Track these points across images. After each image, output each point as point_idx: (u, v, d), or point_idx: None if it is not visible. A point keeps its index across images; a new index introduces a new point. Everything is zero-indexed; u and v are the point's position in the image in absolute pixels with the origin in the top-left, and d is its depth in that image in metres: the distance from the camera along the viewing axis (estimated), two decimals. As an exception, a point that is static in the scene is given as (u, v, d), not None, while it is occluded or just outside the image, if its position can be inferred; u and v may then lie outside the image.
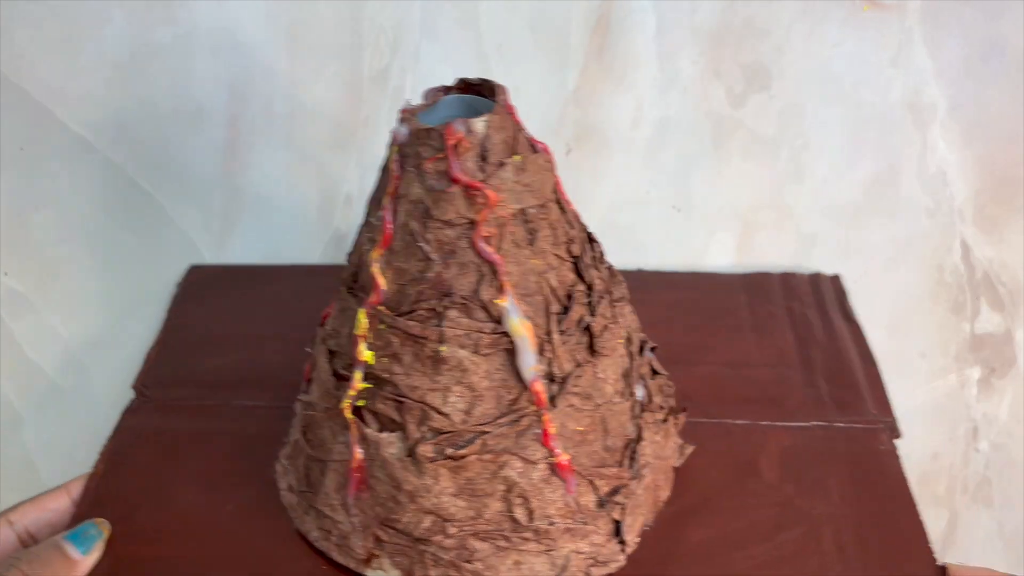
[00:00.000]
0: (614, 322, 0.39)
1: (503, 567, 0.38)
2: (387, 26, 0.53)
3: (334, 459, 0.39)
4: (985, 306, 0.54)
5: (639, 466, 0.40)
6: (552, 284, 0.37)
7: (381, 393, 0.37)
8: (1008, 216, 0.54)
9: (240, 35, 0.53)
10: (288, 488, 0.42)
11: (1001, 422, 0.54)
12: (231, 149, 0.55)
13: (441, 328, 0.36)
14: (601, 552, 0.39)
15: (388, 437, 0.37)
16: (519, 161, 0.35)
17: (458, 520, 0.37)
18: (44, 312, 0.54)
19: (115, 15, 0.53)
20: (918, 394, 0.54)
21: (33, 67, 0.53)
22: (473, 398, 0.36)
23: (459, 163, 0.34)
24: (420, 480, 0.37)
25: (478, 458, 0.36)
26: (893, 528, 0.41)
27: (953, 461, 0.54)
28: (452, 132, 0.34)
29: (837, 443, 0.45)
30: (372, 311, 0.36)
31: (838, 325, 0.52)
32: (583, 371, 0.38)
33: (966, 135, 0.54)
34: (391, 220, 0.36)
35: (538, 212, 0.37)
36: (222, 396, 0.48)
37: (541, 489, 0.37)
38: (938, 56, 0.53)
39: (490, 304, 0.36)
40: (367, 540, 0.39)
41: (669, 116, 0.56)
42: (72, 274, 0.54)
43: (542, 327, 0.37)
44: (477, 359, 0.36)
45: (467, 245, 0.35)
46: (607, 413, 0.39)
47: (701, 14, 0.53)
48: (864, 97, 0.53)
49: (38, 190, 0.54)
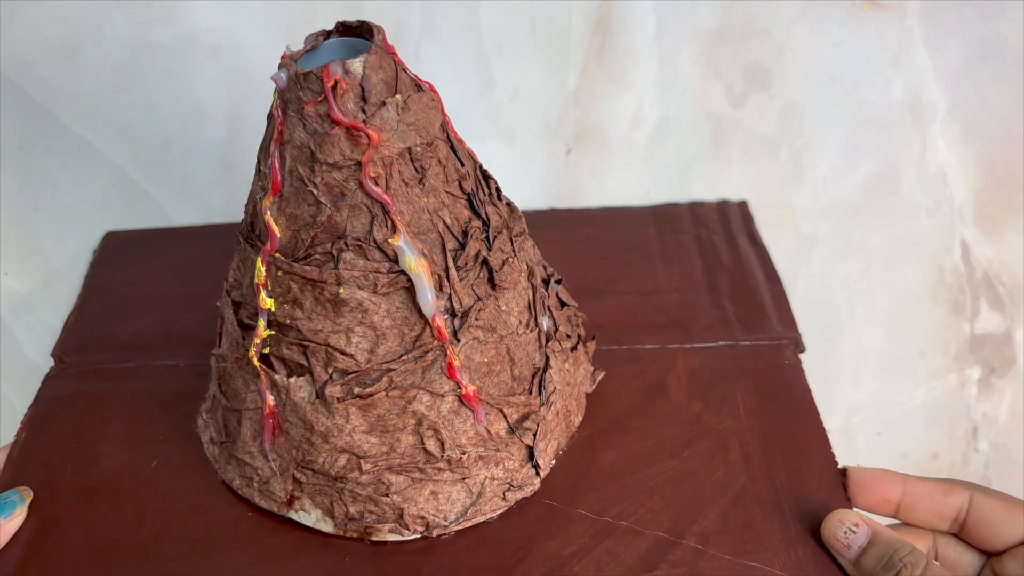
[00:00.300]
0: (514, 256, 0.40)
1: (420, 497, 0.39)
2: (387, 26, 0.53)
3: (248, 408, 0.40)
4: (985, 306, 0.54)
5: (547, 393, 0.41)
6: (446, 221, 0.38)
7: (285, 339, 0.38)
8: (1008, 216, 0.54)
9: (240, 35, 0.53)
10: (210, 441, 0.43)
11: (1001, 422, 0.54)
12: (231, 149, 0.55)
13: (337, 271, 0.36)
14: (516, 477, 0.40)
15: (296, 382, 0.38)
16: (400, 100, 0.35)
17: (372, 456, 0.38)
18: (44, 312, 0.54)
19: (115, 15, 0.53)
20: (918, 394, 0.54)
21: (33, 67, 0.53)
22: (376, 337, 0.37)
23: (339, 105, 0.34)
24: (331, 421, 0.38)
25: (386, 395, 0.37)
26: (797, 437, 0.43)
27: (953, 461, 0.54)
28: (329, 74, 0.34)
29: (744, 361, 0.46)
30: (269, 259, 0.37)
31: (744, 249, 0.53)
32: (485, 304, 0.38)
33: (966, 135, 0.54)
34: (279, 167, 0.36)
35: (425, 150, 0.37)
36: (141, 358, 0.48)
37: (451, 420, 0.38)
38: (938, 56, 0.53)
39: (384, 244, 0.36)
40: (287, 483, 0.40)
41: (669, 116, 0.56)
42: (72, 274, 0.54)
43: (439, 264, 0.37)
44: (376, 299, 0.37)
45: (356, 187, 0.35)
46: (512, 344, 0.40)
47: (701, 14, 0.53)
48: (864, 97, 0.53)
49: (38, 190, 0.54)
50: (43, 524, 0.41)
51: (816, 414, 0.44)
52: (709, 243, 0.53)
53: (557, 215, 0.57)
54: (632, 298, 0.50)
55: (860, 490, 0.39)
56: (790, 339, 0.47)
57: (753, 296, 0.50)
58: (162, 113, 0.54)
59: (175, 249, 0.54)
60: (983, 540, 0.37)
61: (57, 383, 0.47)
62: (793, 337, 0.48)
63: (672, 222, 0.55)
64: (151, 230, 0.56)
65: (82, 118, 0.54)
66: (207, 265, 0.51)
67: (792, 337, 0.48)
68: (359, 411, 0.38)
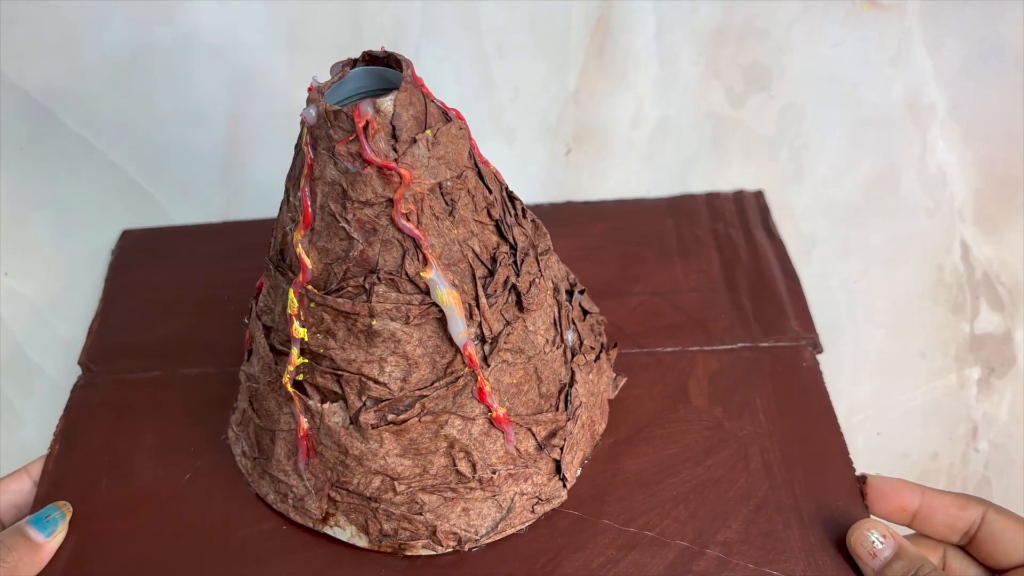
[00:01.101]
0: (540, 276, 0.40)
1: (452, 514, 0.40)
2: (387, 26, 0.53)
3: (282, 428, 0.40)
4: (985, 306, 0.54)
5: (573, 407, 0.41)
6: (475, 250, 0.38)
7: (319, 367, 0.38)
8: (1008, 216, 0.54)
9: (240, 35, 0.53)
10: (242, 454, 0.43)
11: (1001, 422, 0.54)
12: (231, 149, 0.55)
13: (370, 304, 0.36)
14: (544, 491, 0.41)
15: (330, 407, 0.38)
16: (431, 135, 0.35)
17: (405, 478, 0.39)
18: (44, 312, 0.54)
19: (115, 15, 0.53)
20: (918, 394, 0.54)
21: (33, 67, 0.53)
22: (408, 366, 0.37)
23: (371, 144, 0.34)
24: (365, 445, 0.38)
25: (419, 420, 0.38)
26: (816, 443, 0.43)
27: (953, 461, 0.54)
28: (360, 114, 0.33)
29: (763, 363, 0.46)
30: (301, 291, 0.37)
31: (761, 243, 0.53)
32: (513, 328, 0.39)
33: (966, 135, 0.54)
34: (310, 202, 0.36)
35: (455, 183, 0.37)
36: (168, 366, 0.48)
37: (482, 442, 0.39)
38: (938, 56, 0.53)
39: (416, 277, 0.36)
40: (322, 501, 0.40)
41: (669, 116, 0.56)
42: (72, 274, 0.54)
43: (469, 293, 0.37)
44: (409, 329, 0.37)
45: (388, 223, 0.35)
46: (539, 363, 0.40)
47: (701, 14, 0.53)
48: (864, 97, 0.53)
49: (38, 190, 0.54)
50: (83, 540, 0.41)
51: (834, 418, 0.44)
52: (726, 237, 0.53)
53: (573, 209, 0.56)
54: (651, 299, 0.50)
55: (880, 498, 0.40)
56: (808, 340, 0.47)
57: (771, 294, 0.50)
58: (162, 113, 0.54)
59: (193, 248, 0.54)
60: (990, 556, 0.37)
61: (87, 392, 0.47)
62: (811, 338, 0.48)
63: (689, 215, 0.55)
64: (168, 228, 0.55)
65: (82, 118, 0.54)
66: (227, 265, 0.52)
67: (810, 338, 0.48)
68: (392, 436, 0.38)
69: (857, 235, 0.56)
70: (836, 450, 0.43)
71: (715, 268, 0.51)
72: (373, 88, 0.37)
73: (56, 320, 0.54)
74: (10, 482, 0.42)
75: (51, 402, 0.54)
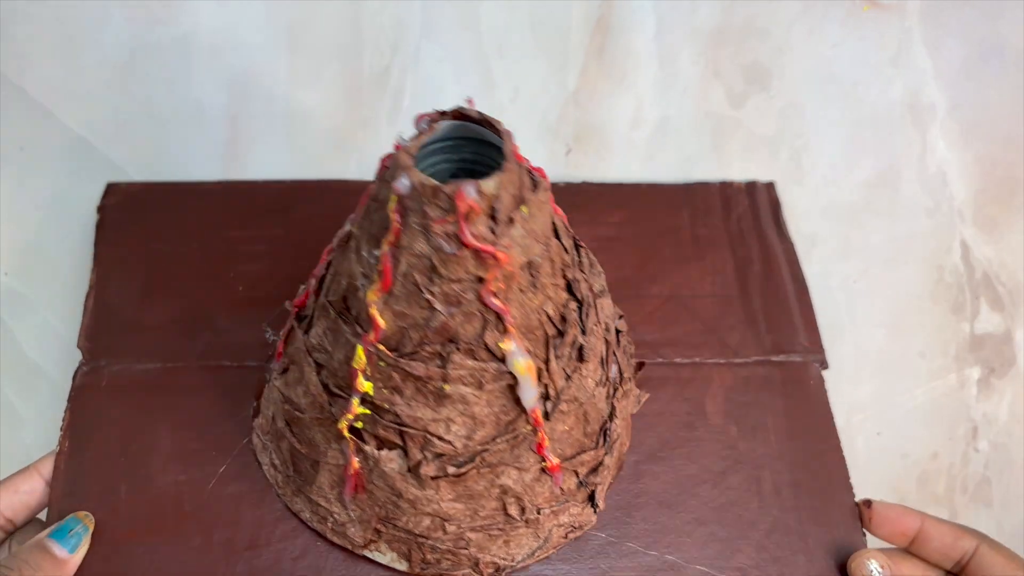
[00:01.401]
0: (597, 323, 0.40)
1: (495, 547, 0.40)
2: (387, 26, 0.53)
3: (328, 461, 0.39)
4: (985, 306, 0.54)
5: (611, 441, 0.42)
6: (549, 313, 0.37)
7: (381, 420, 0.37)
8: (1008, 216, 0.54)
9: (240, 35, 0.53)
10: (271, 465, 0.42)
11: (1001, 422, 0.54)
12: (231, 149, 0.55)
13: (445, 370, 0.35)
14: (578, 519, 0.42)
15: (388, 455, 0.38)
16: (526, 212, 0.34)
17: (456, 519, 0.39)
18: (44, 312, 0.54)
19: (115, 15, 0.53)
20: (918, 394, 0.54)
21: (33, 67, 0.53)
22: (474, 425, 0.37)
23: (470, 228, 0.32)
24: (421, 492, 0.38)
25: (477, 472, 0.38)
26: (821, 467, 0.45)
27: (953, 461, 0.54)
28: (463, 198, 0.31)
29: (774, 379, 0.47)
30: (371, 348, 0.35)
31: (773, 245, 0.52)
32: (572, 381, 0.39)
33: (966, 135, 0.54)
34: (392, 268, 0.34)
35: (542, 255, 0.36)
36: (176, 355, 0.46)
37: (532, 487, 0.39)
38: (938, 56, 0.53)
39: (494, 347, 0.35)
40: (366, 531, 0.40)
41: (669, 116, 0.56)
42: (72, 274, 0.54)
43: (540, 356, 0.37)
44: (480, 393, 0.36)
45: (474, 297, 0.34)
46: (589, 407, 0.40)
47: (701, 14, 0.53)
48: (864, 97, 0.53)
49: (38, 190, 0.54)
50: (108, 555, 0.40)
51: (837, 440, 0.46)
52: (739, 235, 0.53)
53: (590, 192, 0.54)
54: (668, 304, 0.50)
55: (883, 523, 0.42)
56: (816, 357, 0.48)
57: (782, 306, 0.50)
58: (162, 113, 0.54)
59: (189, 211, 0.50)
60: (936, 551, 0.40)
61: (90, 381, 0.45)
62: (819, 355, 0.48)
63: (704, 206, 0.54)
64: (160, 185, 0.52)
65: (82, 118, 0.54)
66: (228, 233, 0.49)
67: (818, 355, 0.48)
68: (448, 484, 0.38)
69: (857, 235, 0.56)
70: (838, 474, 0.45)
71: (729, 270, 0.51)
72: (452, 137, 0.36)
73: (56, 320, 0.54)
74: (21, 481, 0.41)
75: (51, 402, 0.54)
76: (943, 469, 0.54)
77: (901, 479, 0.54)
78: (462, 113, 0.35)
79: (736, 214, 0.54)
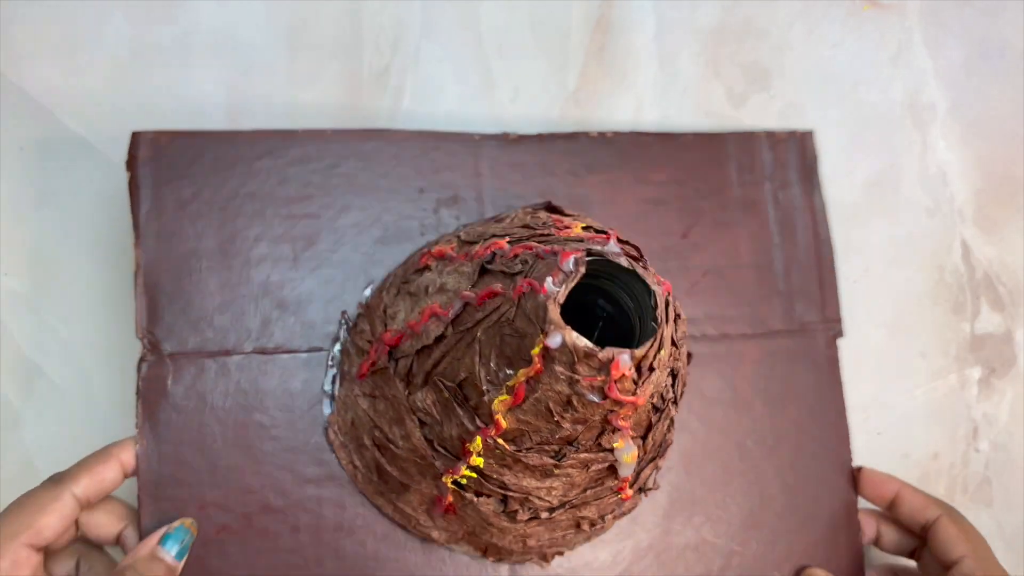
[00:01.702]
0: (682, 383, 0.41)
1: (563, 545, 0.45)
2: (387, 26, 0.53)
3: (421, 489, 0.41)
4: (985, 306, 0.54)
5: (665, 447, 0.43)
6: (654, 402, 0.38)
7: (487, 485, 0.39)
8: (1008, 216, 0.54)
9: (240, 35, 0.53)
10: (351, 463, 0.43)
11: (1001, 422, 0.54)
12: (231, 149, 0.55)
13: (559, 463, 0.37)
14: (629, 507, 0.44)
15: (486, 501, 0.40)
16: (663, 356, 0.35)
17: (536, 537, 0.42)
18: (44, 312, 0.54)
19: (115, 15, 0.53)
20: (918, 394, 0.54)
21: (33, 67, 0.53)
22: (572, 486, 0.39)
23: (617, 387, 0.33)
24: (512, 526, 0.40)
25: (563, 511, 0.40)
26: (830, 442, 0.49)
27: (953, 461, 0.54)
28: (618, 368, 0.33)
29: (797, 353, 0.50)
30: (491, 441, 0.36)
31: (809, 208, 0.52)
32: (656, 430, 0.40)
33: (966, 135, 0.54)
34: (526, 391, 0.35)
35: (666, 382, 0.38)
36: (242, 342, 0.45)
37: (605, 511, 0.42)
38: (938, 56, 0.53)
39: (607, 445, 0.37)
40: (450, 539, 0.43)
41: (669, 116, 0.56)
42: (72, 274, 0.54)
43: (641, 436, 0.39)
44: (585, 472, 0.38)
45: (600, 420, 0.35)
46: (656, 436, 0.40)
47: (701, 14, 0.53)
48: (864, 97, 0.53)
49: (38, 190, 0.54)
50: (201, 551, 0.41)
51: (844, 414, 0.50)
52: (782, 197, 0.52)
53: (645, 143, 0.51)
54: (709, 277, 0.50)
55: (867, 485, 0.48)
56: (834, 327, 0.51)
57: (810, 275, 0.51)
58: (162, 113, 0.54)
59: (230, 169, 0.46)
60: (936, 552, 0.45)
61: (156, 372, 0.44)
62: (837, 325, 0.51)
63: (750, 162, 0.52)
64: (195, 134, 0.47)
65: (82, 118, 0.54)
66: (278, 193, 0.46)
67: (836, 325, 0.51)
68: (536, 522, 0.41)
69: (857, 235, 0.56)
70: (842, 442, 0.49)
71: (767, 236, 0.51)
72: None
73: (56, 320, 0.54)
74: (104, 470, 0.41)
75: (51, 402, 0.54)
76: (944, 469, 0.54)
77: (902, 479, 0.54)
78: (609, 261, 0.35)
79: (780, 171, 0.53)
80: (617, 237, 0.36)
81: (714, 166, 0.52)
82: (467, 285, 0.38)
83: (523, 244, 0.37)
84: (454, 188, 0.48)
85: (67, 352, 0.54)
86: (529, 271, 0.35)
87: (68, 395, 0.54)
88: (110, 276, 0.54)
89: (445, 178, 0.48)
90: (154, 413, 0.43)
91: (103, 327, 0.54)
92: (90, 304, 0.54)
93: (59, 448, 0.54)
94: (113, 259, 0.54)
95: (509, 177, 0.48)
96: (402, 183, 0.47)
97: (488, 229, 0.42)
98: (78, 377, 0.54)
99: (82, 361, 0.54)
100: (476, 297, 0.36)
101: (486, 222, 0.44)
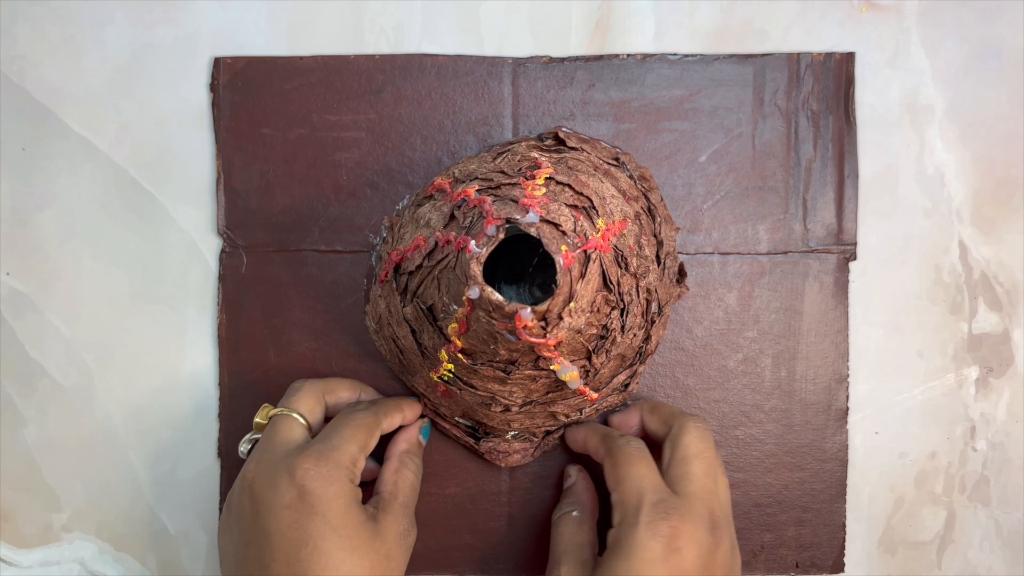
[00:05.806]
0: (638, 300, 0.46)
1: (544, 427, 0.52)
2: (387, 26, 0.53)
3: (423, 375, 0.49)
4: (983, 306, 0.55)
5: (646, 355, 0.50)
6: (593, 330, 0.45)
7: (462, 383, 0.47)
8: (1006, 216, 0.54)
9: (240, 35, 0.53)
10: (384, 350, 0.52)
11: (999, 421, 0.54)
12: (232, 149, 0.55)
13: (507, 375, 0.45)
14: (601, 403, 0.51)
15: (469, 393, 0.47)
16: (574, 307, 0.41)
17: (520, 424, 0.50)
18: (45, 312, 0.54)
19: (116, 15, 0.53)
20: (916, 393, 0.54)
21: (34, 67, 0.54)
22: (531, 392, 0.47)
23: (525, 333, 0.40)
24: (492, 414, 0.48)
25: (533, 406, 0.48)
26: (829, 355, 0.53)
27: (951, 460, 0.54)
28: (521, 320, 0.40)
29: (808, 272, 0.53)
30: (453, 353, 0.45)
31: (833, 128, 0.53)
32: (611, 354, 0.47)
33: (964, 136, 0.54)
34: (466, 326, 0.43)
35: (588, 319, 0.43)
36: (302, 241, 0.53)
37: (576, 406, 0.49)
38: (936, 57, 0.54)
39: (546, 366, 0.44)
40: (454, 413, 0.51)
41: (668, 116, 0.56)
42: (74, 274, 0.54)
43: (582, 362, 0.46)
44: (535, 384, 0.46)
45: (530, 351, 0.43)
46: (627, 350, 0.48)
47: (701, 15, 0.53)
48: (862, 98, 0.54)
49: (39, 190, 0.54)
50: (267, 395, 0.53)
51: (846, 332, 0.53)
52: (808, 122, 0.53)
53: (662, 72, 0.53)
54: (722, 203, 0.53)
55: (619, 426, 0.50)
56: (847, 250, 0.53)
57: (829, 197, 0.53)
58: (163, 113, 0.54)
59: (295, 92, 0.53)
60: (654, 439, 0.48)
61: (233, 262, 0.53)
62: (850, 247, 0.53)
63: (784, 83, 0.53)
64: (264, 60, 0.53)
65: (83, 118, 0.54)
66: (332, 117, 0.53)
67: (849, 247, 0.53)
68: (512, 413, 0.48)
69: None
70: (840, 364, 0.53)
71: (780, 154, 0.53)
72: None
73: (56, 320, 0.54)
74: (344, 391, 0.50)
75: (52, 402, 0.54)
76: (941, 468, 0.54)
77: (899, 478, 0.54)
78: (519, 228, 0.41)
79: (804, 93, 0.53)
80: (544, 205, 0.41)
81: (744, 87, 0.53)
82: (441, 225, 0.44)
83: (481, 197, 0.42)
84: (484, 113, 0.53)
85: (69, 352, 0.54)
86: (471, 227, 0.42)
87: (70, 395, 0.54)
88: (111, 276, 0.54)
89: (478, 102, 0.53)
90: (231, 296, 0.53)
91: (104, 326, 0.54)
92: (91, 304, 0.54)
93: (60, 447, 0.54)
94: (114, 259, 0.54)
95: (544, 97, 0.53)
96: (444, 102, 0.53)
97: (479, 168, 0.48)
98: (79, 377, 0.54)
99: (83, 361, 0.54)
100: (442, 239, 0.43)
101: (482, 156, 0.50)
